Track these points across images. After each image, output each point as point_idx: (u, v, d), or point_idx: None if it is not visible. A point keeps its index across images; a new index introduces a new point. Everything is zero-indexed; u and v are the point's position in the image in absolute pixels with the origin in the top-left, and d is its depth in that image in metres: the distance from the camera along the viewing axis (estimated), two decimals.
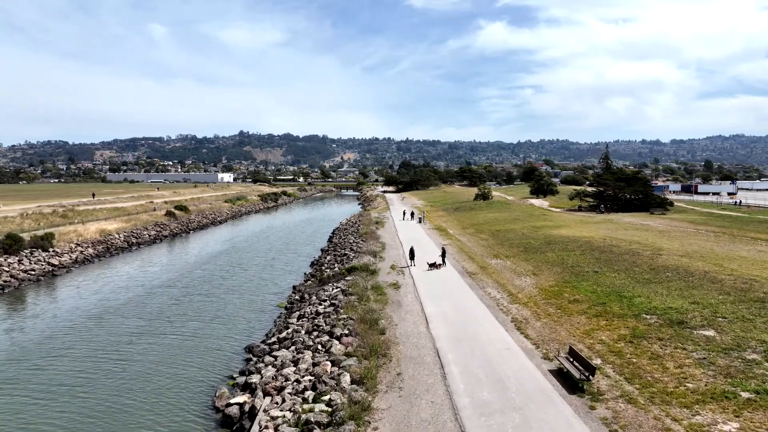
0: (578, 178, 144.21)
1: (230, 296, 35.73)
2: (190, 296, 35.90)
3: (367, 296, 25.80)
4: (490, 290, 27.07)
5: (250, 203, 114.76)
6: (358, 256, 39.70)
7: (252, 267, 47.06)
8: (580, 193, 70.24)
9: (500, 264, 34.34)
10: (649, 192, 67.51)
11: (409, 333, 20.00)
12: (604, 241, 38.29)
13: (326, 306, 25.82)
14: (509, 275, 30.53)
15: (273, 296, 35.33)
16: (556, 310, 22.42)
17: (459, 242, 45.79)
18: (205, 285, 39.57)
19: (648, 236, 40.45)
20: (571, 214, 64.60)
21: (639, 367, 15.51)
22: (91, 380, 20.82)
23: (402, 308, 23.86)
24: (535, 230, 47.78)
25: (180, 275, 43.40)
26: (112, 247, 53.37)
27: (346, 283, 29.64)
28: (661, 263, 28.88)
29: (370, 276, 31.36)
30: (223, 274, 43.99)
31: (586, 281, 26.70)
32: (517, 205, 76.65)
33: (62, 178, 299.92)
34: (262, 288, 38.06)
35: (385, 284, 29.09)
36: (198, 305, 33.25)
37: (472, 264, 35.06)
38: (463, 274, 31.54)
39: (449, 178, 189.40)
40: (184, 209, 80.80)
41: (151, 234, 62.83)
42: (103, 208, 73.71)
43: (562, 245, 38.08)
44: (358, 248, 44.14)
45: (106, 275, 42.43)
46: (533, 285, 27.50)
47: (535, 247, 38.88)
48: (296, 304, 29.64)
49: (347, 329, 20.41)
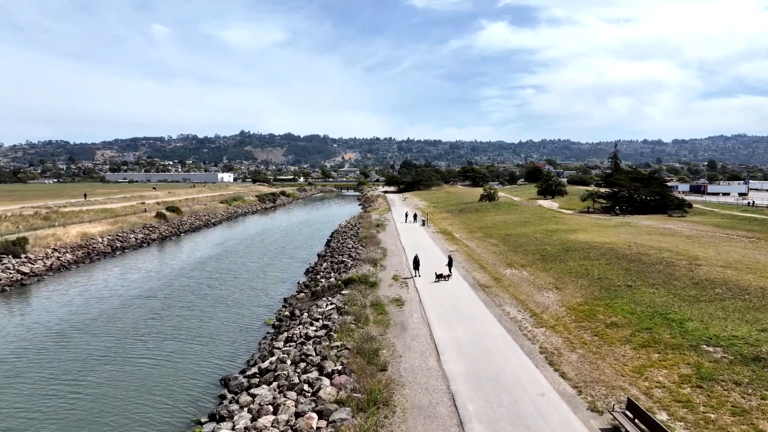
0: (585, 178, 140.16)
1: (215, 309, 32.08)
2: (170, 309, 32.25)
3: (366, 316, 22.10)
4: (508, 308, 23.33)
5: (246, 204, 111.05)
6: (356, 264, 36.01)
7: (243, 274, 43.42)
8: (593, 194, 66.40)
9: (516, 275, 30.59)
10: (666, 193, 63.70)
11: (416, 369, 16.29)
12: (629, 247, 34.52)
13: (318, 328, 22.14)
14: (528, 289, 26.79)
15: (262, 310, 31.66)
16: (593, 336, 18.69)
17: (467, 248, 42.06)
18: (189, 296, 35.93)
19: (677, 242, 36.67)
20: (584, 216, 60.82)
21: (722, 428, 11.78)
22: (26, 427, 17.13)
23: (407, 333, 20.15)
24: (549, 234, 44.02)
25: (163, 284, 39.76)
26: (94, 252, 49.72)
27: (342, 298, 25.95)
28: (704, 276, 25.13)
29: (370, 289, 27.66)
30: (211, 282, 40.35)
31: (620, 298, 22.97)
32: (526, 206, 72.84)
33: (61, 178, 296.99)
34: (251, 300, 34.40)
35: (386, 300, 25.39)
36: (177, 320, 29.60)
37: (484, 274, 31.33)
38: (475, 287, 27.81)
39: (451, 178, 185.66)
40: (176, 210, 77.13)
41: (138, 237, 59.19)
42: (90, 210, 70.06)
43: (583, 253, 34.34)
44: (356, 255, 40.46)
45: (81, 284, 38.77)
46: (558, 302, 23.77)
47: (552, 254, 35.14)
48: (285, 322, 25.97)
49: (340, 363, 16.71)
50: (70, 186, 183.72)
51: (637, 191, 63.47)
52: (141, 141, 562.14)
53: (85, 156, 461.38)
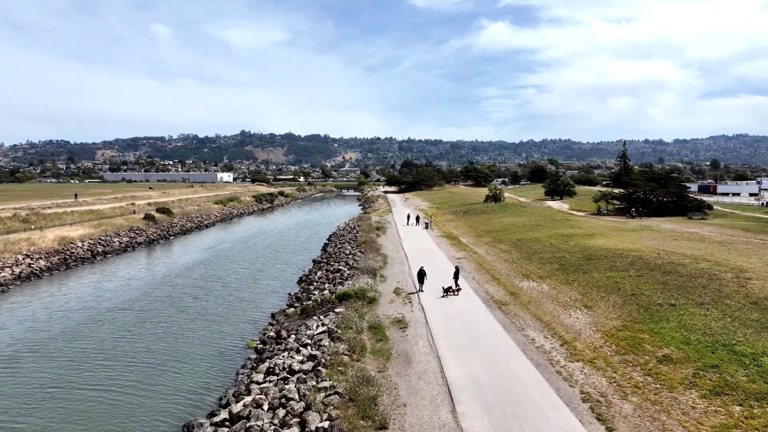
0: (592, 177, 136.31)
1: (195, 326, 28.43)
2: (143, 325, 28.62)
3: (362, 344, 18.40)
4: (532, 333, 19.60)
5: (243, 204, 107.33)
6: (353, 274, 32.30)
7: (231, 282, 39.79)
8: (606, 195, 62.65)
9: (534, 288, 26.86)
10: (684, 194, 59.95)
11: (425, 425, 12.57)
12: (659, 256, 30.79)
13: (305, 358, 18.44)
14: (552, 307, 23.05)
15: (247, 327, 28.00)
16: (644, 376, 14.97)
17: (476, 255, 38.32)
18: (168, 308, 32.29)
19: (711, 250, 32.92)
20: (598, 218, 57.06)
21: None
22: None
23: (412, 367, 16.45)
24: (565, 240, 40.29)
25: (142, 294, 36.13)
26: (71, 257, 46.05)
27: (336, 318, 22.25)
28: (760, 293, 21.39)
29: (368, 306, 23.94)
30: (195, 291, 36.72)
31: (666, 321, 19.25)
32: (534, 207, 69.07)
33: (61, 177, 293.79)
34: (236, 314, 30.74)
35: (386, 321, 21.68)
36: (149, 341, 25.95)
37: (498, 287, 27.59)
38: (490, 304, 24.07)
39: (453, 177, 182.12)
40: (167, 212, 73.47)
41: (122, 241, 55.51)
42: (75, 211, 66.44)
43: (607, 262, 30.59)
44: (354, 262, 36.76)
45: (49, 295, 35.13)
46: (591, 325, 20.04)
47: (572, 263, 31.39)
48: (270, 346, 22.28)
49: (327, 416, 13.02)
50: (64, 186, 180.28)
51: (653, 192, 59.76)
52: (141, 141, 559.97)
53: (85, 156, 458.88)
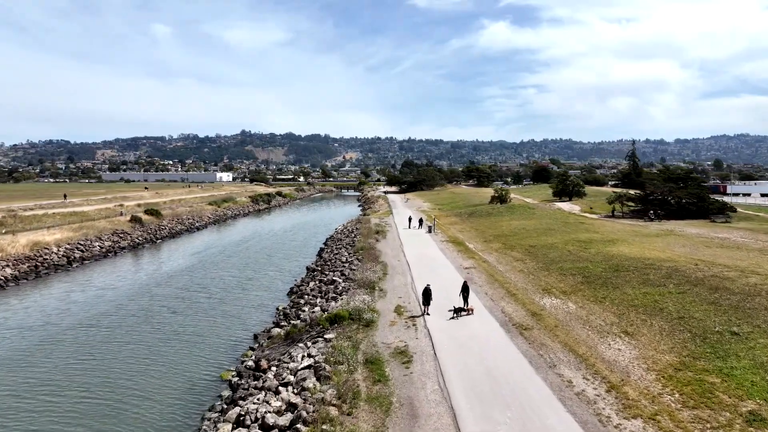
0: (599, 177, 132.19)
1: (166, 348, 24.71)
2: (108, 348, 24.91)
3: (355, 388, 14.58)
4: (567, 372, 15.75)
5: (238, 205, 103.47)
6: (349, 287, 28.45)
7: (216, 293, 36.05)
8: (621, 196, 58.76)
9: (559, 307, 22.99)
10: (705, 195, 56.04)
11: None
12: (698, 267, 26.95)
13: (282, 405, 14.61)
14: (584, 334, 19.20)
15: (225, 351, 24.25)
16: None
17: (486, 264, 34.45)
18: (141, 326, 28.55)
19: (756, 260, 29.04)
20: (614, 221, 53.15)
21: None
22: None
23: (418, 425, 12.62)
24: (584, 247, 36.44)
25: (114, 307, 32.40)
26: (44, 264, 42.29)
27: (325, 347, 18.41)
28: None
29: (364, 331, 20.12)
30: (176, 305, 32.98)
31: (736, 357, 15.41)
32: (544, 209, 65.20)
33: (59, 177, 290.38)
34: (215, 332, 26.98)
35: (386, 352, 17.85)
36: (109, 368, 22.21)
37: (516, 306, 23.73)
38: (509, 330, 20.20)
39: (455, 177, 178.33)
40: (155, 213, 69.69)
41: (104, 245, 51.74)
42: (57, 213, 62.73)
43: (639, 274, 26.75)
44: (351, 272, 32.92)
45: (5, 309, 31.34)
46: (638, 360, 16.19)
47: (598, 275, 27.53)
48: (246, 380, 18.48)
49: None
50: (60, 186, 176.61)
51: (671, 193, 55.86)
52: (142, 140, 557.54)
53: (86, 155, 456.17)
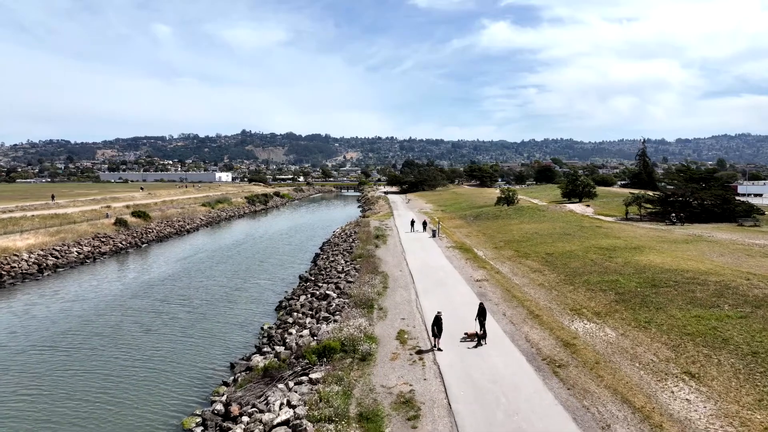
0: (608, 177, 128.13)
1: (128, 382, 20.91)
2: (58, 377, 21.24)
3: None
4: None
5: (233, 206, 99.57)
6: (343, 305, 24.54)
7: (199, 306, 32.28)
8: (639, 198, 54.80)
9: (596, 334, 19.07)
10: (730, 197, 52.11)
11: None
12: (751, 283, 22.99)
13: None
14: (636, 374, 15.30)
15: (196, 382, 20.47)
16: None
17: (499, 276, 30.51)
18: (105, 349, 24.84)
19: None
20: (633, 225, 49.15)
21: None
22: None
23: None
24: (608, 255, 32.49)
25: (79, 324, 28.63)
26: (10, 273, 38.46)
27: (310, 394, 14.53)
28: None
29: (359, 368, 16.23)
30: (150, 321, 29.22)
31: None
32: (554, 211, 61.23)
33: (58, 177, 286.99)
34: (189, 359, 23.19)
35: (386, 401, 13.96)
36: (52, 409, 18.36)
37: (543, 331, 19.81)
38: (540, 367, 16.28)
39: (456, 177, 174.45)
40: (143, 216, 65.85)
41: (82, 251, 47.89)
42: (36, 215, 58.89)
43: (682, 290, 22.81)
44: (346, 285, 28.98)
45: None
46: (719, 418, 12.29)
47: (632, 291, 23.60)
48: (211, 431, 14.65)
49: None
50: (53, 186, 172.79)
51: (694, 194, 51.90)
52: (142, 140, 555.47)
53: (86, 155, 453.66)
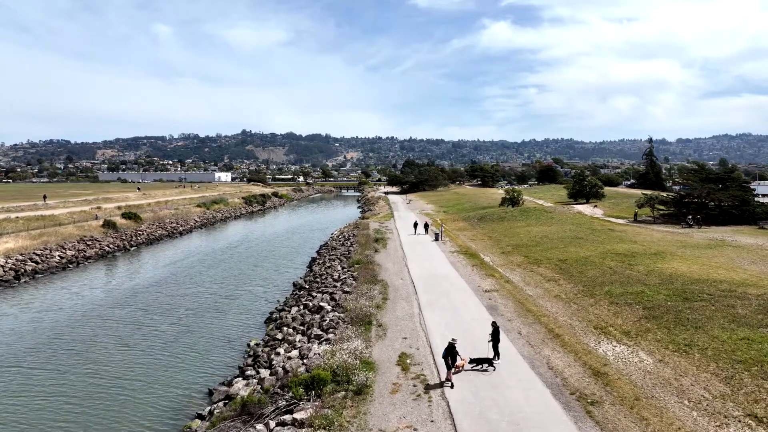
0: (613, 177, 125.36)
1: (91, 410, 18.34)
2: (16, 402, 18.53)
3: None
4: None
5: (229, 207, 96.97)
6: (338, 321, 21.89)
7: (183, 317, 29.73)
8: (653, 199, 52.14)
9: (629, 360, 16.42)
10: (749, 198, 49.45)
11: None
12: None
13: None
14: (689, 417, 12.67)
15: (167, 414, 17.84)
16: None
17: (510, 285, 27.85)
18: (74, 367, 22.30)
19: None
20: (648, 228, 46.48)
21: None
22: None
23: None
24: (628, 263, 29.82)
25: (48, 338, 26.06)
26: None
27: None
28: None
29: (353, 404, 13.61)
30: (128, 334, 26.67)
31: None
32: (562, 213, 58.57)
33: (57, 177, 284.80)
34: (166, 382, 20.59)
35: None
36: None
37: (567, 356, 17.16)
38: (569, 405, 13.65)
39: (457, 177, 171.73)
40: (134, 217, 63.28)
41: (65, 255, 45.30)
42: (21, 217, 56.30)
43: (720, 305, 20.17)
44: (342, 297, 26.34)
45: None
46: None
47: (663, 306, 20.94)
48: None
49: None
50: (50, 186, 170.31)
51: (710, 195, 49.25)
52: (142, 140, 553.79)
53: (86, 155, 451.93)
